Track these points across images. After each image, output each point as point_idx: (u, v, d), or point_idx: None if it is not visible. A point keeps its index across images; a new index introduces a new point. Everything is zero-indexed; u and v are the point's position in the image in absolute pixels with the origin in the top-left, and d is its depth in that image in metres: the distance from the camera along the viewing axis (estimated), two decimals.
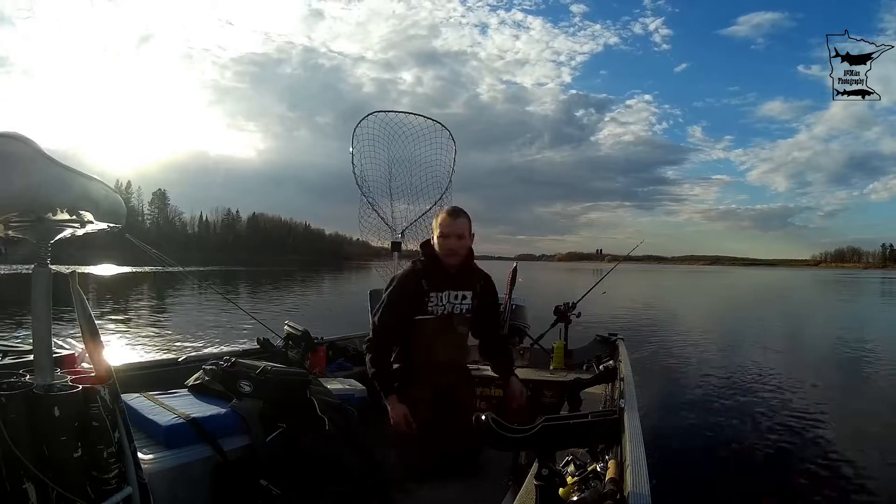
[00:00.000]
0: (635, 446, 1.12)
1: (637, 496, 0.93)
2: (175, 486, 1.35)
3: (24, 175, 0.80)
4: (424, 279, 2.09)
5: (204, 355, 2.17)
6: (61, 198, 0.86)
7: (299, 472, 1.56)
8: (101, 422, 0.97)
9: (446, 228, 2.07)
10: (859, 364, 7.67)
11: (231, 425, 1.54)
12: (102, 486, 0.96)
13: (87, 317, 1.02)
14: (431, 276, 2.09)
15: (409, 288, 2.08)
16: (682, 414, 4.73)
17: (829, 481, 3.34)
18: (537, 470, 1.13)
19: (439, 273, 2.10)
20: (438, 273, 2.10)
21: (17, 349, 1.40)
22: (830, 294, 29.14)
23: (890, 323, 15.54)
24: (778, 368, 6.96)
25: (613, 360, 2.60)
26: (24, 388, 0.92)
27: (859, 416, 4.95)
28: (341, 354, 2.80)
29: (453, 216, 2.09)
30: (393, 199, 3.37)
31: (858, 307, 20.76)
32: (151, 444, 1.40)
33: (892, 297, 27.27)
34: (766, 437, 4.12)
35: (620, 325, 9.59)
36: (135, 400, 1.57)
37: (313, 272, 37.77)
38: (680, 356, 7.66)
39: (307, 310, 12.67)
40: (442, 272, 2.11)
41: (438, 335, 2.10)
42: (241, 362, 1.78)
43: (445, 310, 2.11)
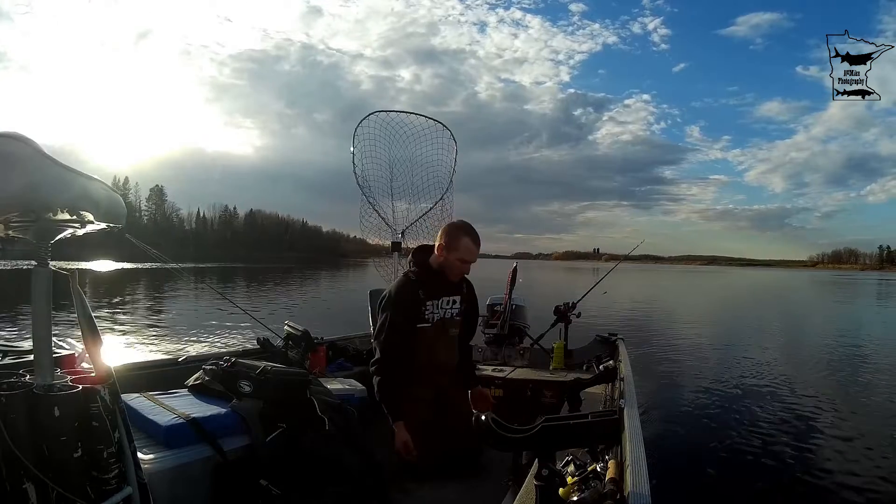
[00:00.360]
0: (635, 446, 1.12)
1: (637, 496, 0.93)
2: (175, 486, 1.35)
3: (25, 175, 0.80)
4: (421, 289, 2.10)
5: (204, 355, 2.17)
6: (61, 198, 0.86)
7: (299, 472, 1.56)
8: (101, 422, 0.97)
9: (470, 257, 2.10)
10: (859, 364, 7.68)
11: (231, 425, 1.54)
12: (102, 486, 0.96)
13: (86, 317, 1.02)
14: (427, 286, 2.11)
15: (407, 301, 2.08)
16: (683, 414, 4.73)
17: (829, 481, 3.35)
18: (537, 470, 1.13)
19: (434, 282, 2.13)
20: (434, 282, 2.12)
21: (17, 349, 1.39)
22: (828, 295, 29.20)
23: (887, 325, 15.53)
24: (777, 369, 6.96)
25: (613, 360, 2.60)
26: (24, 388, 0.92)
27: (859, 416, 4.95)
28: (341, 354, 2.80)
29: (477, 246, 2.11)
30: (394, 198, 3.37)
31: (856, 309, 20.77)
32: (151, 444, 1.40)
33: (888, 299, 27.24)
34: (766, 437, 4.12)
35: (620, 325, 9.60)
36: (135, 400, 1.57)
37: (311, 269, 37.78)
38: (680, 356, 7.67)
39: (307, 310, 12.67)
40: (437, 282, 2.13)
41: (435, 340, 2.12)
42: (241, 362, 1.78)
43: (439, 316, 2.13)
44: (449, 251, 2.08)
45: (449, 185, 3.31)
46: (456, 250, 2.07)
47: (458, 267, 2.09)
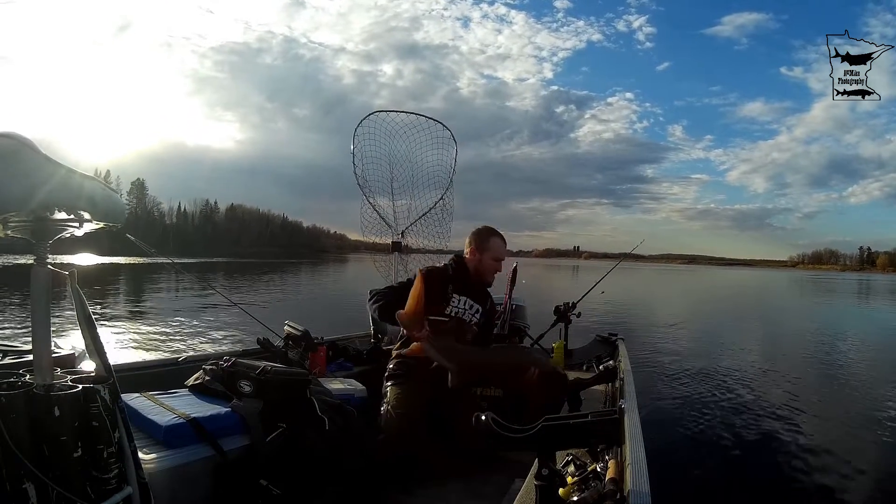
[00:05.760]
0: (635, 446, 1.12)
1: (637, 496, 0.93)
2: (175, 486, 1.34)
3: (23, 175, 0.80)
4: (452, 283, 2.21)
5: (204, 355, 2.17)
6: (60, 197, 0.86)
7: (299, 472, 1.56)
8: (101, 422, 0.97)
9: (502, 255, 2.29)
10: (857, 365, 7.68)
11: (231, 425, 1.54)
12: (102, 486, 0.96)
13: (86, 316, 1.02)
14: (458, 283, 2.23)
15: (437, 280, 2.15)
16: (683, 414, 4.73)
17: (829, 480, 3.34)
18: (537, 470, 1.13)
19: (465, 283, 2.24)
20: (465, 283, 2.24)
21: (17, 349, 1.39)
22: (819, 296, 29.29)
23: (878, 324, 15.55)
24: (779, 367, 6.97)
25: (613, 360, 2.60)
26: (24, 388, 0.92)
27: (858, 416, 4.95)
28: (341, 354, 2.79)
29: (505, 243, 2.30)
30: (394, 198, 3.37)
31: (846, 309, 20.84)
32: (151, 444, 1.40)
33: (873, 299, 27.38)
34: (766, 437, 4.12)
35: (618, 324, 9.59)
36: (135, 400, 1.57)
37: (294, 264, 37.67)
38: (680, 356, 7.66)
39: (307, 310, 12.65)
40: (468, 284, 2.23)
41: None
42: (241, 362, 1.77)
43: (460, 313, 2.19)
44: (482, 252, 2.25)
45: (449, 185, 3.31)
46: (488, 250, 2.25)
47: (491, 266, 2.25)
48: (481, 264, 2.25)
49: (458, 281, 2.23)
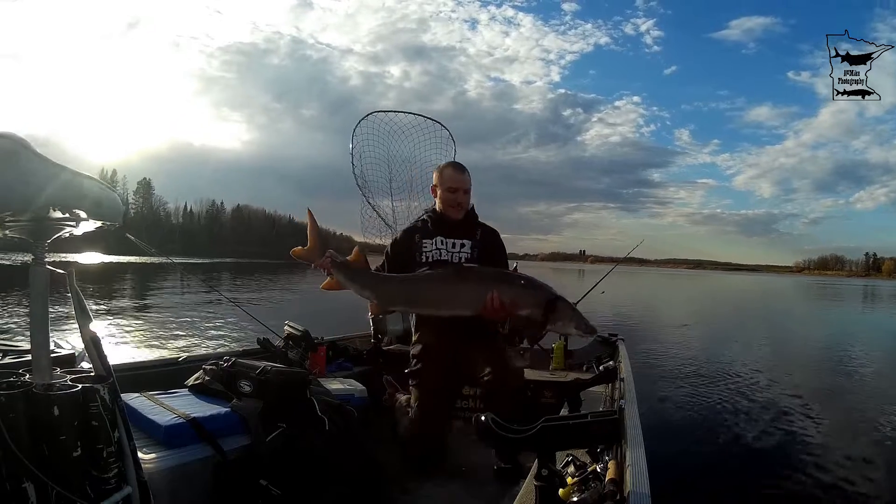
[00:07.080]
0: (635, 446, 1.12)
1: (637, 496, 0.93)
2: (175, 486, 1.34)
3: (20, 175, 0.80)
4: (417, 233, 2.12)
5: (204, 355, 2.17)
6: (57, 197, 0.86)
7: (299, 472, 1.56)
8: (100, 421, 0.97)
9: (455, 183, 2.11)
10: (861, 371, 7.68)
11: (231, 425, 1.54)
12: (102, 486, 0.96)
13: (85, 316, 1.02)
14: (425, 230, 2.12)
15: (400, 246, 2.13)
16: (682, 414, 4.73)
17: (829, 480, 3.34)
18: (537, 470, 1.13)
19: (438, 225, 2.12)
20: (437, 225, 2.12)
21: (17, 349, 1.39)
22: (824, 300, 29.27)
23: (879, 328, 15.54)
24: (778, 368, 6.96)
25: (613, 361, 2.60)
26: (23, 388, 0.92)
27: (859, 415, 4.95)
28: (341, 354, 2.79)
29: (460, 171, 2.13)
30: (393, 198, 3.37)
31: (849, 314, 20.84)
32: (151, 443, 1.40)
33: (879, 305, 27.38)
34: (766, 437, 4.12)
35: (620, 325, 9.59)
36: (135, 400, 1.57)
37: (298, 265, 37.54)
38: (680, 356, 7.66)
39: (307, 310, 12.63)
40: (441, 225, 2.12)
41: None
42: (241, 362, 1.77)
43: (440, 255, 2.07)
44: (439, 189, 2.13)
45: None
46: (442, 184, 2.12)
47: (447, 198, 2.11)
48: (441, 201, 2.13)
49: (427, 228, 2.12)
